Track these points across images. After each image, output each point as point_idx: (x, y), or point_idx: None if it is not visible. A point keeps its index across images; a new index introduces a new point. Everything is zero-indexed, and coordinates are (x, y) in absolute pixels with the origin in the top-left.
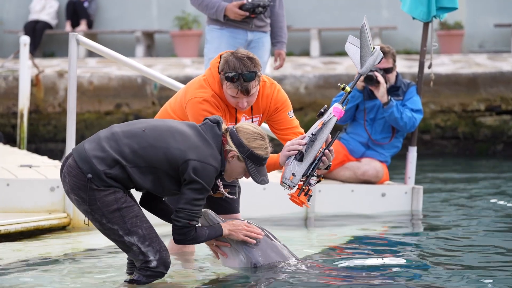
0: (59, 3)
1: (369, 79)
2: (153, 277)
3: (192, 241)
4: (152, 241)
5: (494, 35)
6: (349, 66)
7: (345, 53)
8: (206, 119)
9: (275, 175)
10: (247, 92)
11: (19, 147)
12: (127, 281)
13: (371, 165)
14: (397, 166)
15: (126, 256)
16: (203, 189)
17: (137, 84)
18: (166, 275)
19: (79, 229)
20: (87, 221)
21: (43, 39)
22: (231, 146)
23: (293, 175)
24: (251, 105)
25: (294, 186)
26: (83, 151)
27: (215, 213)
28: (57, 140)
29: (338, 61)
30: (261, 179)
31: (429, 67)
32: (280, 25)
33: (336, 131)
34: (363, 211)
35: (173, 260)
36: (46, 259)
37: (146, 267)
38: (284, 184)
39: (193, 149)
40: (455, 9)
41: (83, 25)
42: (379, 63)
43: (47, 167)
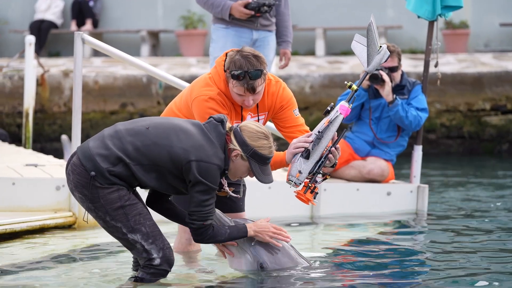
0: (65, 3)
1: (374, 78)
2: (156, 275)
3: (211, 240)
4: (155, 239)
5: (499, 35)
6: (354, 65)
7: (351, 52)
8: (210, 117)
9: (280, 173)
10: (253, 90)
11: (25, 147)
12: (131, 279)
13: (377, 164)
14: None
15: (131, 254)
16: (210, 189)
17: (142, 83)
18: (171, 273)
19: (84, 228)
20: (86, 218)
21: (49, 39)
22: (234, 145)
23: (300, 172)
24: (257, 103)
25: (300, 183)
26: (87, 149)
27: (222, 213)
28: None
29: (343, 61)
30: (265, 178)
31: (436, 65)
32: (285, 24)
33: (342, 129)
34: (368, 210)
35: (178, 259)
36: (51, 258)
37: (149, 265)
38: (290, 181)
39: (196, 148)
40: (460, 7)
41: (89, 25)
42: (385, 61)
43: (53, 166)
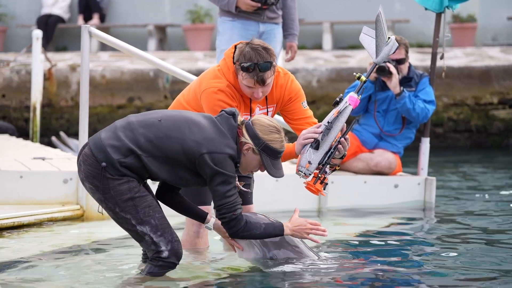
0: None
1: (382, 70)
2: (164, 267)
3: (246, 233)
4: (164, 231)
5: (507, 28)
6: (362, 59)
7: (358, 46)
8: (222, 111)
9: (288, 167)
10: (262, 82)
11: (32, 141)
12: (139, 272)
13: (384, 156)
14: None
15: (139, 247)
16: (229, 177)
17: (149, 77)
18: (179, 267)
19: (92, 221)
20: (101, 210)
21: (56, 33)
22: (246, 138)
23: (309, 163)
24: (266, 95)
25: (310, 174)
26: (98, 140)
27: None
28: (70, 133)
29: (350, 54)
30: (276, 172)
31: (441, 57)
32: (291, 17)
33: (349, 122)
34: (376, 202)
35: (187, 253)
36: (59, 251)
37: (158, 257)
38: (300, 172)
39: (208, 141)
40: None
41: (96, 19)
42: (394, 52)
43: (60, 159)
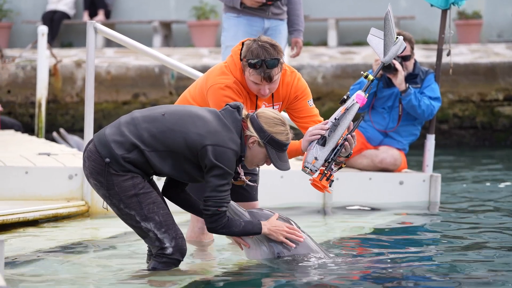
0: None
1: (387, 67)
2: (169, 264)
3: (224, 230)
4: (168, 228)
5: None
6: (367, 55)
7: (363, 43)
8: (226, 104)
9: (292, 162)
10: (269, 79)
11: (37, 137)
12: (144, 269)
13: (389, 153)
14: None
15: (144, 244)
16: (226, 173)
17: (154, 73)
18: (184, 264)
19: (97, 217)
20: (105, 206)
21: (61, 29)
22: (251, 131)
23: (316, 159)
24: (272, 92)
25: (316, 170)
26: (103, 136)
27: (237, 204)
28: (75, 129)
29: (355, 51)
30: (282, 165)
31: (448, 54)
32: (297, 13)
33: (355, 119)
34: (381, 199)
35: (191, 249)
36: (64, 247)
37: (162, 254)
38: (306, 168)
39: (212, 134)
40: None
41: (101, 15)
42: (401, 52)
43: (65, 155)
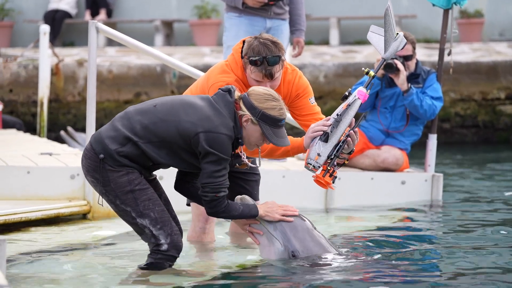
0: None
1: (389, 67)
2: (164, 260)
3: (225, 214)
4: (164, 224)
5: None
6: (369, 54)
7: (365, 41)
8: (218, 89)
9: (294, 162)
10: (271, 76)
11: (39, 136)
12: (141, 266)
13: (391, 153)
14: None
15: (145, 244)
16: (220, 159)
17: (156, 73)
18: (185, 262)
19: (99, 217)
20: (101, 201)
21: (63, 29)
22: (244, 111)
23: (318, 155)
24: (274, 90)
25: (319, 167)
26: (98, 134)
27: (251, 199)
28: (77, 128)
29: (357, 50)
30: (278, 141)
31: (449, 54)
32: (298, 12)
33: (358, 117)
34: (383, 199)
35: (192, 248)
36: (65, 247)
37: (157, 250)
38: (309, 164)
39: (203, 120)
40: None
41: (103, 14)
42: (402, 48)
43: (68, 155)
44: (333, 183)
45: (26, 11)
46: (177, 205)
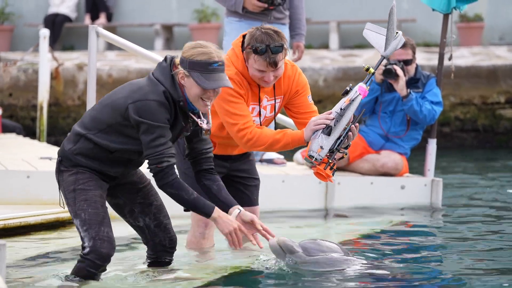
0: None
1: (388, 73)
2: (86, 265)
3: (173, 190)
4: (90, 227)
5: None
6: (368, 58)
7: (364, 45)
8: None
9: (293, 167)
10: (275, 64)
11: (39, 140)
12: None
13: (391, 158)
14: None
15: (144, 248)
16: (151, 126)
17: None
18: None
19: None
20: (62, 204)
21: (63, 32)
22: (179, 69)
23: (321, 148)
24: (273, 84)
25: (321, 159)
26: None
27: (289, 239)
28: None
29: (357, 54)
30: (210, 84)
31: (450, 59)
32: (298, 17)
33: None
34: (382, 204)
35: (192, 253)
36: (65, 251)
37: (81, 253)
38: (311, 157)
39: (134, 92)
40: (475, 0)
41: (103, 18)
42: (400, 47)
43: None
44: (333, 175)
45: (26, 15)
46: (174, 210)
